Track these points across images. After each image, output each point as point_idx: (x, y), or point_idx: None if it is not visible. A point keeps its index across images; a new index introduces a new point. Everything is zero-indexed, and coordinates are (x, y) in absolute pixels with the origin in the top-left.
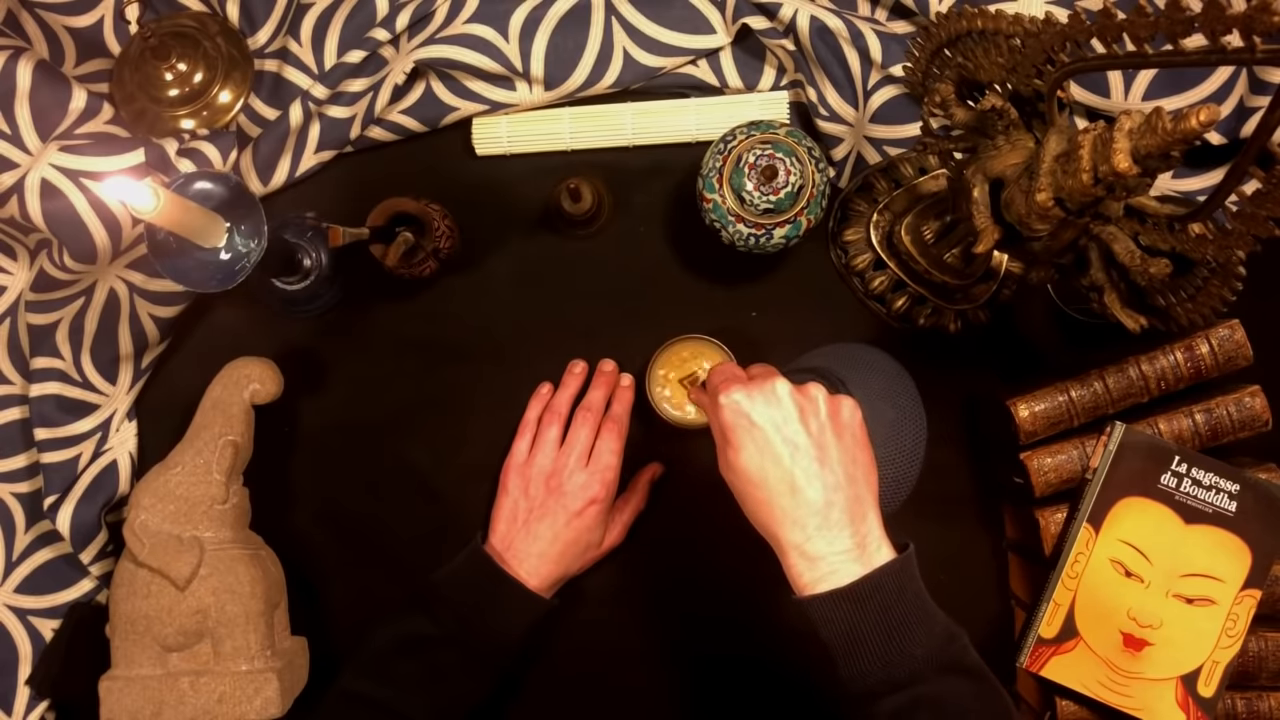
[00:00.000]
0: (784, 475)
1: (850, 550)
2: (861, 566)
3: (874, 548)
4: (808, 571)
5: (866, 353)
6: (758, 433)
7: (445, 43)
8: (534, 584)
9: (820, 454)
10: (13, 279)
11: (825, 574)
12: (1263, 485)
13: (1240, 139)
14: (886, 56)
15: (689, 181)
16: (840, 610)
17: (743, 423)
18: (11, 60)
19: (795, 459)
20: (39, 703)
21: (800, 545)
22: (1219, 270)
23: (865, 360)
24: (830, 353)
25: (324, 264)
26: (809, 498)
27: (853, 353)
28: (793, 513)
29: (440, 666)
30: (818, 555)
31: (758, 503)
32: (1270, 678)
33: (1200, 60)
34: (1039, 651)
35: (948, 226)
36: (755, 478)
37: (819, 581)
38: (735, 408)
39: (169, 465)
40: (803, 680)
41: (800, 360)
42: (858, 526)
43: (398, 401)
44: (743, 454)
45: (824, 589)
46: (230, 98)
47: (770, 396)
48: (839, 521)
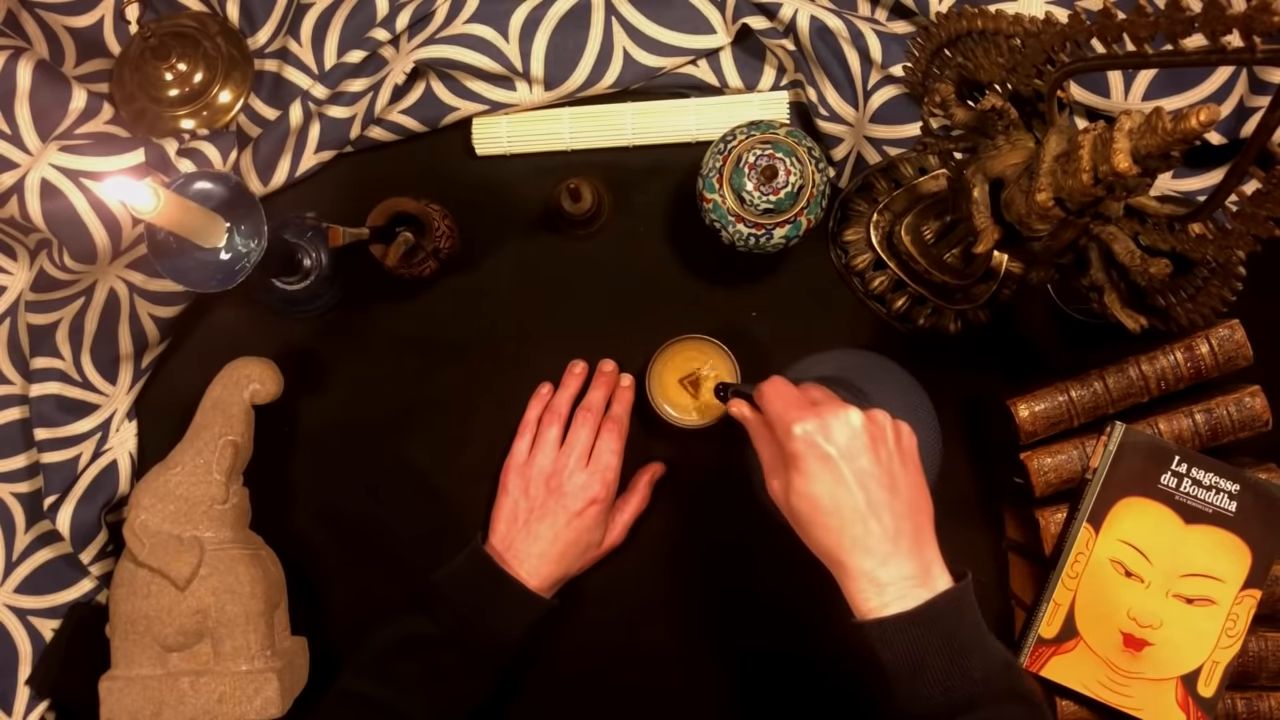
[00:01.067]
0: (857, 505)
1: (915, 576)
2: (926, 592)
3: (936, 574)
4: (875, 597)
5: (880, 363)
6: (832, 464)
7: (445, 43)
8: (534, 584)
9: (890, 482)
10: (13, 279)
11: (892, 599)
12: (1263, 485)
13: (1240, 139)
14: (886, 56)
15: (689, 181)
16: (905, 634)
17: (816, 453)
18: (11, 60)
19: (868, 488)
20: (39, 703)
21: (871, 572)
22: (1219, 270)
23: (882, 371)
24: (842, 361)
25: (324, 264)
26: (882, 526)
27: (867, 363)
28: (864, 541)
29: (440, 666)
30: (887, 581)
31: (826, 530)
32: (1270, 678)
33: (1200, 60)
34: (1039, 651)
35: (948, 226)
36: (827, 507)
37: (885, 606)
38: (809, 439)
39: (169, 465)
40: (801, 679)
41: (807, 365)
42: (921, 552)
43: (398, 401)
44: (815, 483)
45: (889, 613)
46: (230, 98)
47: (844, 426)
48: (907, 549)
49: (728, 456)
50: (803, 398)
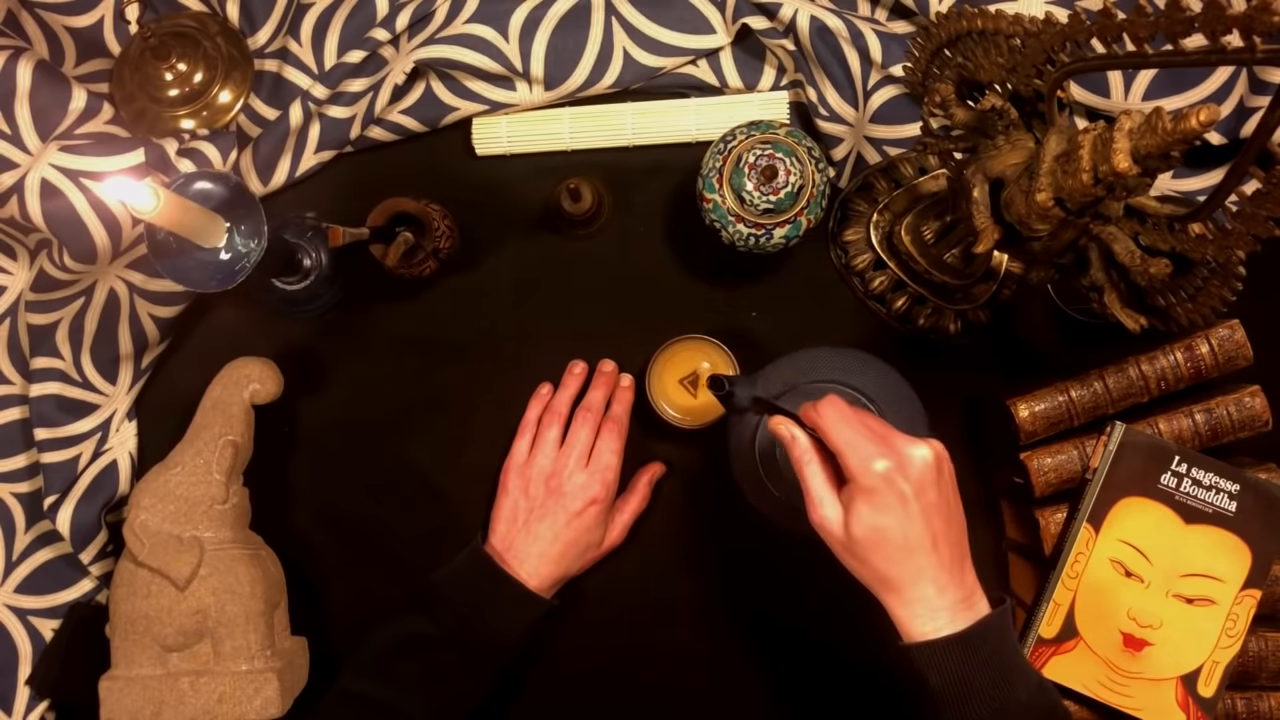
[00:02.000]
0: (923, 538)
1: (962, 600)
2: (971, 614)
3: (977, 597)
4: (929, 622)
5: (880, 368)
6: (907, 500)
7: (445, 43)
8: (534, 584)
9: (948, 513)
10: (13, 279)
11: (943, 623)
12: (1263, 485)
13: (1240, 139)
14: (886, 56)
15: (689, 181)
16: (954, 656)
17: (895, 490)
18: (11, 60)
19: (933, 522)
20: (39, 703)
21: (929, 599)
22: (1219, 270)
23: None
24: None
25: (324, 264)
26: (941, 557)
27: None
28: (927, 571)
29: (440, 666)
30: (940, 607)
31: (888, 560)
32: (1270, 678)
33: (1200, 60)
34: (1039, 651)
35: (948, 226)
36: (896, 539)
37: (938, 630)
38: (888, 475)
39: (169, 465)
40: (803, 677)
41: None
42: (966, 577)
43: (398, 401)
44: (887, 517)
45: (937, 635)
46: (230, 98)
47: (918, 463)
48: (959, 576)
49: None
50: (868, 427)
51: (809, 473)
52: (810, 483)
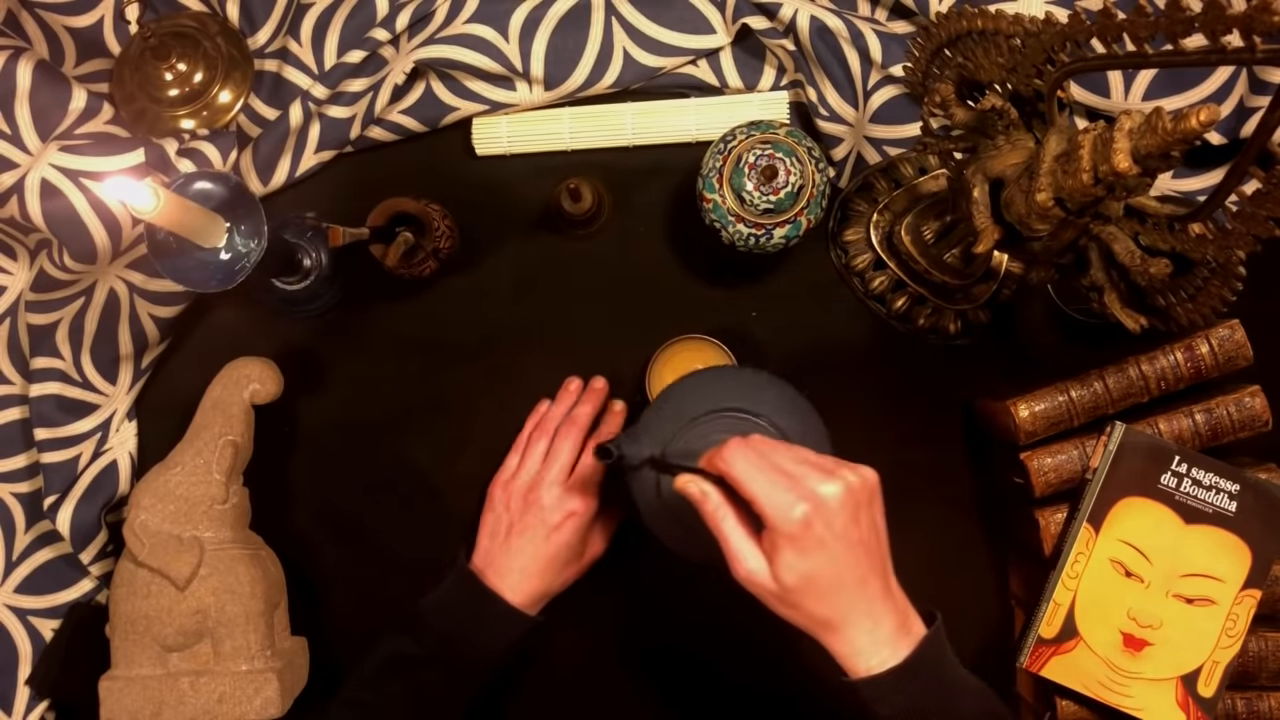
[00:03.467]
0: (853, 575)
1: (899, 627)
2: (909, 639)
3: (911, 618)
4: (873, 656)
5: (769, 382)
6: (828, 541)
7: (445, 43)
8: (517, 600)
9: (874, 541)
10: (13, 279)
11: (886, 655)
12: (1263, 485)
13: (1240, 139)
14: (886, 56)
15: (689, 181)
16: (900, 686)
17: (814, 535)
18: (11, 60)
19: (858, 556)
20: (39, 703)
21: (868, 632)
22: (1219, 270)
23: (776, 393)
24: (732, 387)
25: (324, 264)
26: (874, 589)
27: (761, 386)
28: (861, 605)
29: (423, 685)
30: (881, 639)
31: (821, 601)
32: (1270, 678)
33: (1200, 60)
34: (1039, 651)
35: (948, 226)
36: (826, 582)
37: (883, 662)
38: (806, 521)
39: (169, 465)
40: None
41: (691, 398)
42: (898, 601)
43: (397, 402)
44: (812, 561)
45: (882, 668)
46: (230, 98)
47: (834, 500)
48: (892, 602)
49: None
50: (778, 469)
51: (726, 529)
52: (729, 539)
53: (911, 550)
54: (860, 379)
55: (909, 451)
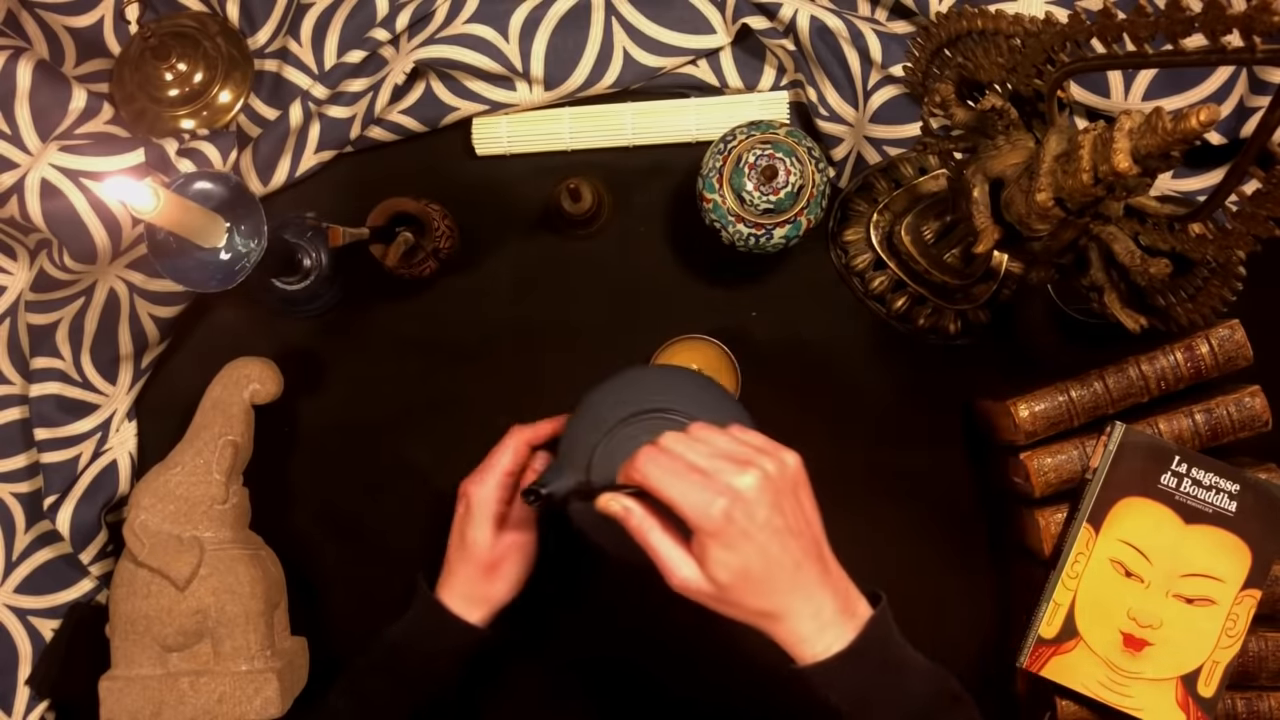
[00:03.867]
0: (785, 562)
1: (842, 609)
2: (854, 621)
3: (854, 599)
4: (818, 641)
5: (678, 375)
6: (752, 533)
7: (445, 43)
8: (459, 608)
9: (803, 524)
10: (13, 279)
11: (832, 639)
12: (1263, 485)
13: (1240, 139)
14: (886, 56)
15: (689, 181)
16: (848, 670)
17: (737, 529)
18: (11, 60)
19: (788, 543)
20: (39, 703)
21: (811, 618)
22: (1219, 270)
23: (688, 384)
24: (647, 386)
25: (324, 264)
26: (810, 571)
27: (671, 380)
28: (801, 591)
29: (369, 695)
30: (825, 623)
31: (759, 595)
32: (1270, 678)
33: (1200, 60)
34: (1039, 651)
35: (948, 226)
36: (759, 574)
37: (829, 647)
38: (727, 516)
39: (169, 465)
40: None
41: (602, 409)
42: (838, 583)
43: (398, 401)
44: (741, 555)
45: (829, 653)
46: (230, 98)
47: (752, 492)
48: (831, 585)
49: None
50: (693, 468)
51: (653, 541)
52: (658, 551)
53: (911, 550)
54: (860, 379)
55: (909, 451)
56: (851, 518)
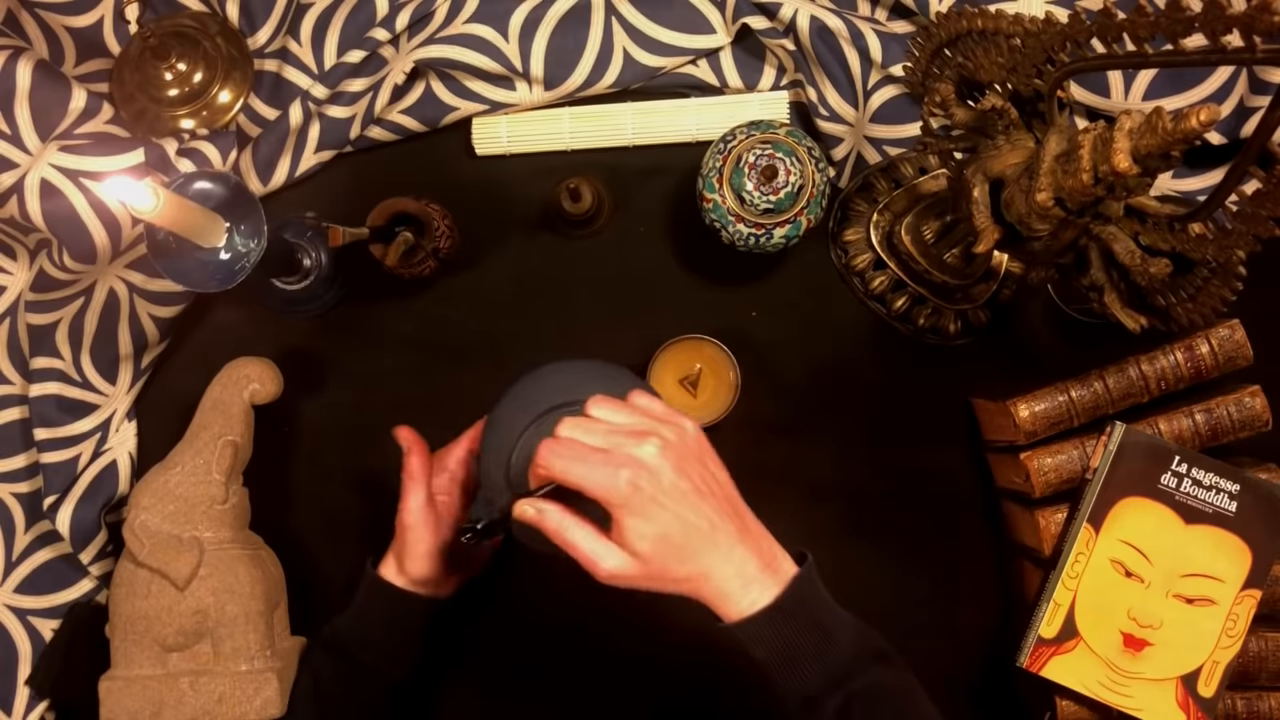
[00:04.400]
0: (700, 524)
1: (765, 567)
2: (778, 578)
3: (779, 556)
4: (743, 598)
5: (580, 366)
6: (661, 500)
7: (445, 43)
8: (403, 581)
9: (712, 486)
10: (13, 279)
11: (756, 595)
12: (1263, 485)
13: (1240, 139)
14: (886, 56)
15: (689, 181)
16: (772, 626)
17: (644, 496)
18: (11, 60)
19: (699, 506)
20: (39, 703)
21: (734, 577)
22: (1219, 270)
23: (599, 373)
24: (551, 385)
25: (324, 264)
26: (727, 531)
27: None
28: (720, 551)
29: (317, 670)
30: (749, 578)
31: (683, 560)
32: (1270, 678)
33: (1200, 60)
34: (1039, 651)
35: (948, 226)
36: (678, 539)
37: (754, 604)
38: (634, 484)
39: (169, 465)
40: None
41: (515, 417)
42: (760, 542)
43: (398, 401)
44: (657, 523)
45: (754, 609)
46: (230, 98)
47: (647, 463)
48: (750, 542)
49: (726, 455)
50: (592, 449)
51: (572, 537)
52: (579, 545)
53: (911, 550)
54: (860, 379)
55: (909, 451)
56: (852, 518)
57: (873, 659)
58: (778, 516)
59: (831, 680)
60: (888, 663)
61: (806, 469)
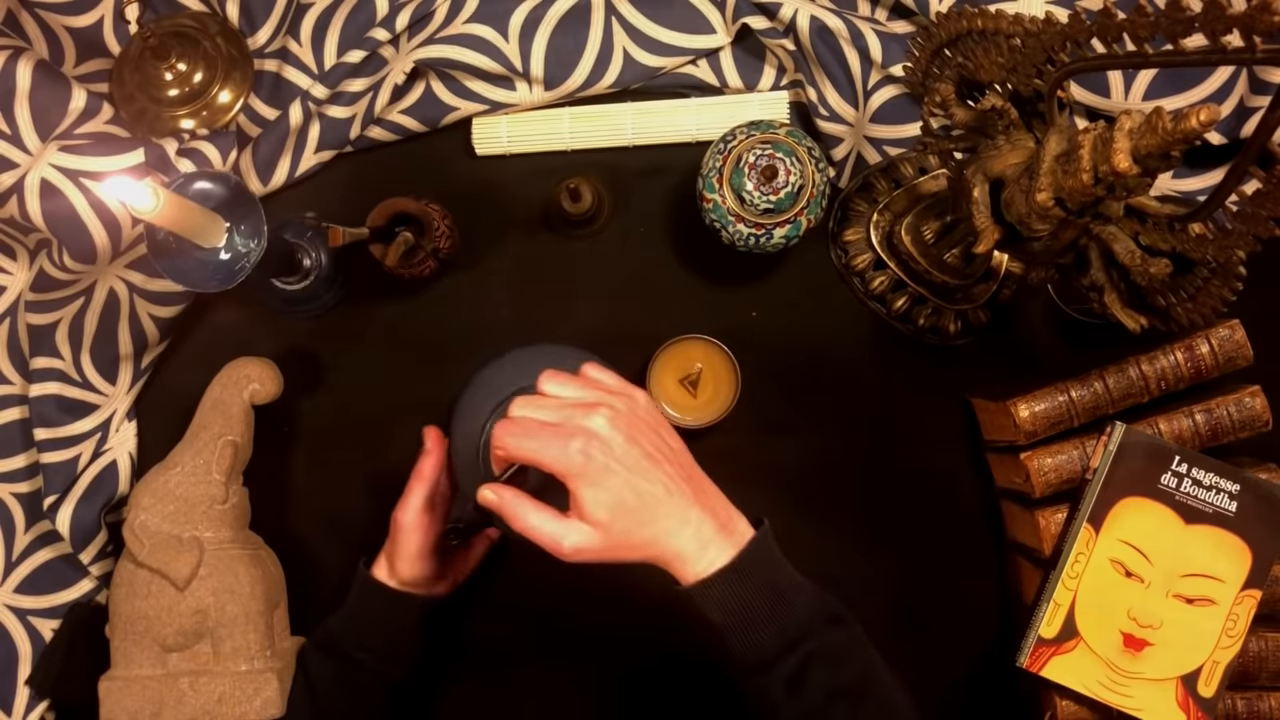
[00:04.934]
0: (655, 490)
1: (720, 529)
2: (733, 539)
3: (735, 519)
4: (699, 561)
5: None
6: (613, 468)
7: (445, 43)
8: (395, 582)
9: (666, 453)
10: (13, 279)
11: (713, 557)
12: (1263, 485)
13: (1240, 139)
14: (886, 56)
15: (689, 181)
16: (729, 588)
17: (597, 465)
18: (11, 60)
19: (652, 472)
20: (39, 703)
21: (690, 539)
22: (1219, 270)
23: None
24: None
25: (324, 264)
26: (683, 494)
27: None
28: (675, 514)
29: (309, 668)
30: (705, 540)
31: (642, 525)
32: (1270, 678)
33: (1200, 60)
34: (1039, 651)
35: (948, 226)
36: (633, 503)
37: (710, 566)
38: (586, 453)
39: (169, 465)
40: None
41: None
42: (715, 505)
43: (397, 401)
44: (611, 490)
45: (711, 570)
46: (230, 98)
47: (597, 433)
48: (706, 505)
49: (726, 454)
50: (542, 425)
51: (531, 522)
52: (539, 529)
53: (911, 550)
54: (860, 379)
55: (909, 451)
56: (852, 518)
57: (828, 621)
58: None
59: (787, 642)
60: (843, 626)
61: (807, 469)
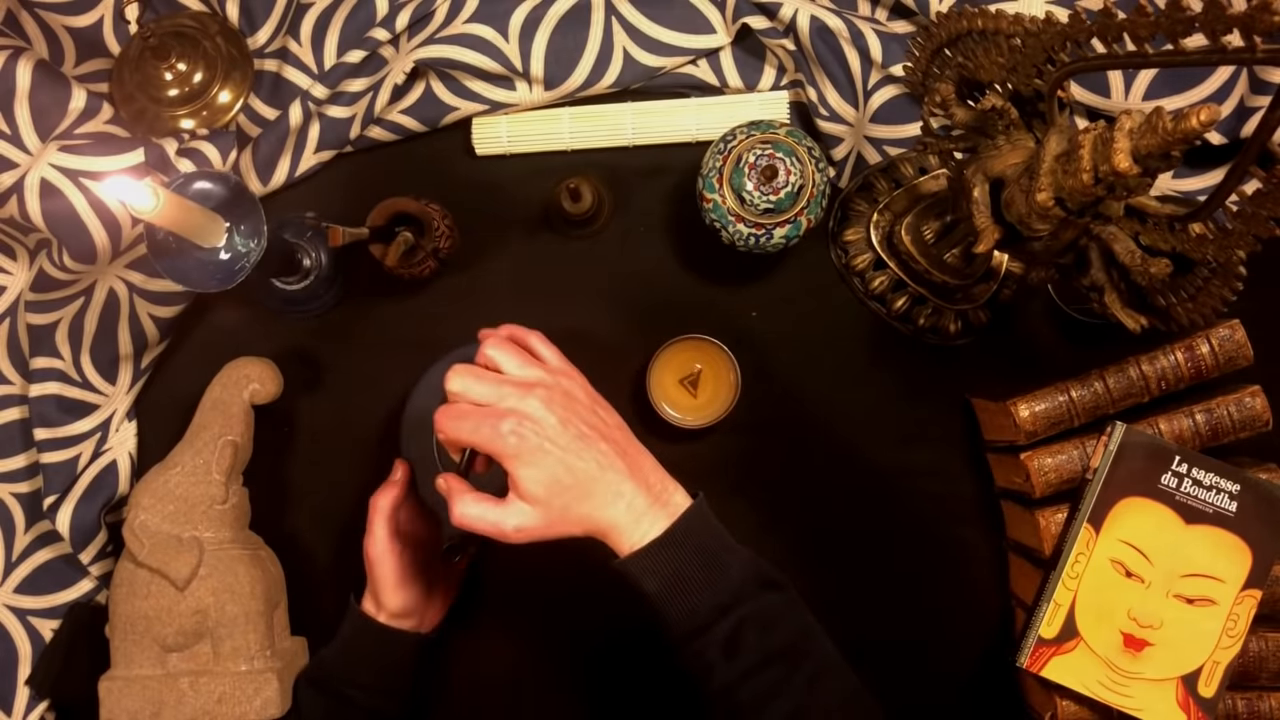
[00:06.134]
0: (589, 466)
1: (654, 501)
2: (667, 511)
3: (669, 492)
4: (635, 532)
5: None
6: (545, 446)
7: (445, 42)
8: (384, 616)
9: (600, 430)
10: (13, 279)
11: (647, 529)
12: (1263, 485)
13: (1240, 139)
14: (886, 56)
15: (689, 181)
16: (662, 557)
17: (529, 445)
18: (11, 60)
19: (586, 451)
20: (39, 703)
21: (624, 512)
22: (1219, 270)
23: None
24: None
25: (324, 264)
26: (616, 470)
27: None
28: (611, 488)
29: (300, 704)
30: (639, 512)
31: (579, 500)
32: (1270, 678)
33: (1200, 60)
34: (1039, 651)
35: (948, 226)
36: (567, 480)
37: (644, 536)
38: (518, 432)
39: (168, 465)
40: None
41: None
42: (649, 478)
43: (397, 402)
44: (544, 467)
45: (645, 541)
46: (230, 98)
47: (531, 413)
48: (641, 479)
49: (726, 454)
50: (478, 407)
51: (470, 511)
52: (482, 517)
53: (911, 550)
54: (860, 379)
55: (909, 451)
56: (851, 518)
57: (762, 586)
58: (777, 516)
59: (720, 606)
60: (778, 590)
61: (806, 469)
